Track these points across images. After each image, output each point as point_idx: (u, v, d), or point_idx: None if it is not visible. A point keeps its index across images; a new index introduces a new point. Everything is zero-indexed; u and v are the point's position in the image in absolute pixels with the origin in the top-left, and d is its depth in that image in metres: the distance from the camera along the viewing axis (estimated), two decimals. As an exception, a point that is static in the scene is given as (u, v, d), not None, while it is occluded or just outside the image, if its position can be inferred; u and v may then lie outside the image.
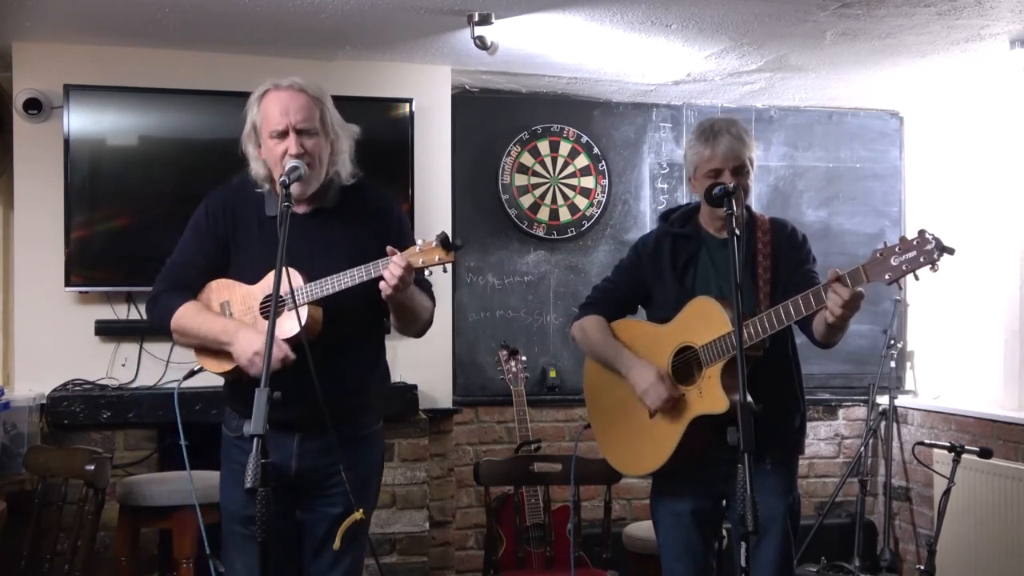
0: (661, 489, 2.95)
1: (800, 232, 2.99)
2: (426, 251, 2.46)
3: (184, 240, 2.74)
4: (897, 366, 5.44)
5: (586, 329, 3.04)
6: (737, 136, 2.82)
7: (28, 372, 4.26)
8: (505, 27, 3.98)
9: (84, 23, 4.05)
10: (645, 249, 3.02)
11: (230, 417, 2.73)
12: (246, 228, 2.67)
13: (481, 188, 5.12)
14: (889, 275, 2.43)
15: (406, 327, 2.72)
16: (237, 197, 2.71)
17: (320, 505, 2.65)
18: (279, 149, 2.57)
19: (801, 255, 2.93)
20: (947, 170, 5.38)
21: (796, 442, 2.95)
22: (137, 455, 4.17)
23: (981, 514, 4.62)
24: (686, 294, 2.86)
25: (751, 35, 4.17)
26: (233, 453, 2.68)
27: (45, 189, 4.28)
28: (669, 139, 5.36)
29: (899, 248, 2.42)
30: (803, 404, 2.93)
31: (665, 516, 2.93)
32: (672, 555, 2.91)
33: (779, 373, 2.85)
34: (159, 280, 2.72)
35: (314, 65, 4.46)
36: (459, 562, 4.97)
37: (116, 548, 3.74)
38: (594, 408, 3.11)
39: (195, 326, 2.61)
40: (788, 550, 2.82)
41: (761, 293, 2.82)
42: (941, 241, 2.37)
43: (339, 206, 2.68)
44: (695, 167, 2.88)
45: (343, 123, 2.70)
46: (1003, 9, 3.75)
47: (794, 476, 2.95)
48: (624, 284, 3.07)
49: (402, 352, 4.36)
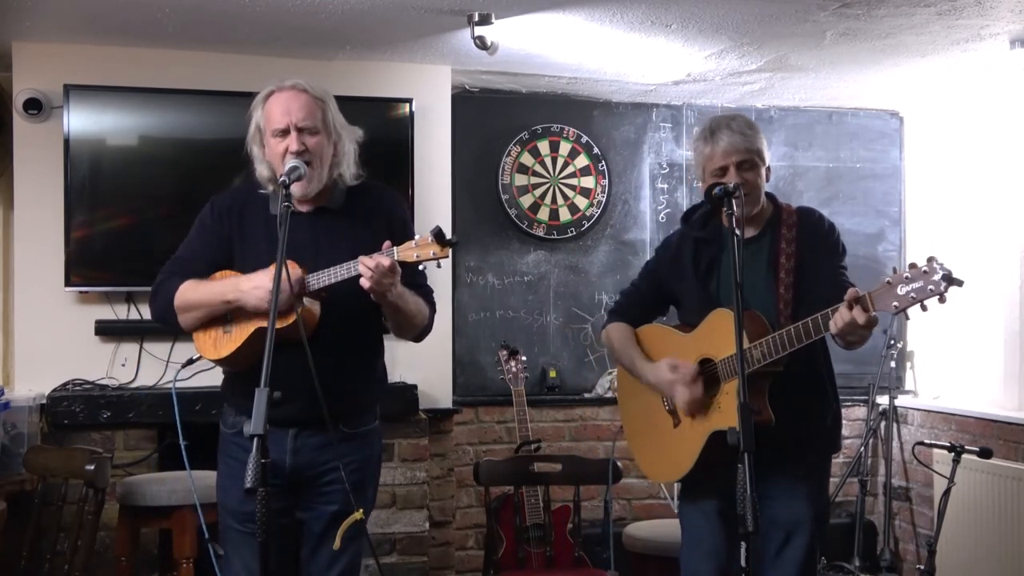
0: (690, 489, 2.94)
1: (827, 221, 2.89)
2: (421, 246, 2.46)
3: (190, 237, 2.76)
4: (897, 366, 5.44)
5: (611, 336, 3.05)
6: (738, 130, 2.76)
7: (28, 372, 4.26)
8: (505, 27, 3.98)
9: (84, 23, 4.05)
10: (666, 253, 3.00)
11: (227, 413, 2.74)
12: (252, 228, 2.68)
13: (481, 188, 5.12)
14: (896, 304, 2.36)
15: (400, 330, 2.71)
16: (243, 198, 2.73)
17: (317, 503, 2.65)
18: (280, 147, 2.59)
19: (827, 248, 2.84)
20: (947, 170, 5.37)
21: (830, 442, 2.90)
22: (137, 455, 4.16)
23: (981, 514, 4.62)
24: (710, 299, 2.81)
25: (751, 35, 4.16)
26: (230, 450, 2.69)
27: (45, 189, 4.28)
28: (669, 139, 5.36)
29: (908, 276, 2.34)
30: (836, 401, 2.87)
31: (692, 515, 2.90)
32: (698, 555, 2.86)
33: (808, 372, 2.77)
34: (162, 272, 2.72)
35: (314, 65, 4.46)
36: (459, 562, 4.97)
37: (116, 548, 3.75)
38: (625, 413, 3.12)
39: (197, 295, 2.61)
40: (813, 556, 2.78)
41: (782, 301, 2.75)
42: (950, 273, 2.30)
43: (344, 207, 2.69)
44: (702, 168, 2.83)
45: (346, 125, 2.71)
46: (1003, 9, 3.75)
47: (826, 478, 2.92)
48: (648, 289, 3.05)
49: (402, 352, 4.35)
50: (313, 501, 2.66)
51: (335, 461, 2.58)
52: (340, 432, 2.59)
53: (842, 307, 2.44)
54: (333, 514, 2.63)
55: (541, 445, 4.82)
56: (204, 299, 2.60)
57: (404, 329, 2.71)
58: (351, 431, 2.66)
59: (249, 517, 2.46)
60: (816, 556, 2.82)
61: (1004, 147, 4.95)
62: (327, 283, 2.52)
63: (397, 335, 2.75)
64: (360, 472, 2.67)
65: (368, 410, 2.75)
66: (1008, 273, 4.87)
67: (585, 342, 5.25)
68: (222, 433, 2.75)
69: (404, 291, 2.58)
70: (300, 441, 2.62)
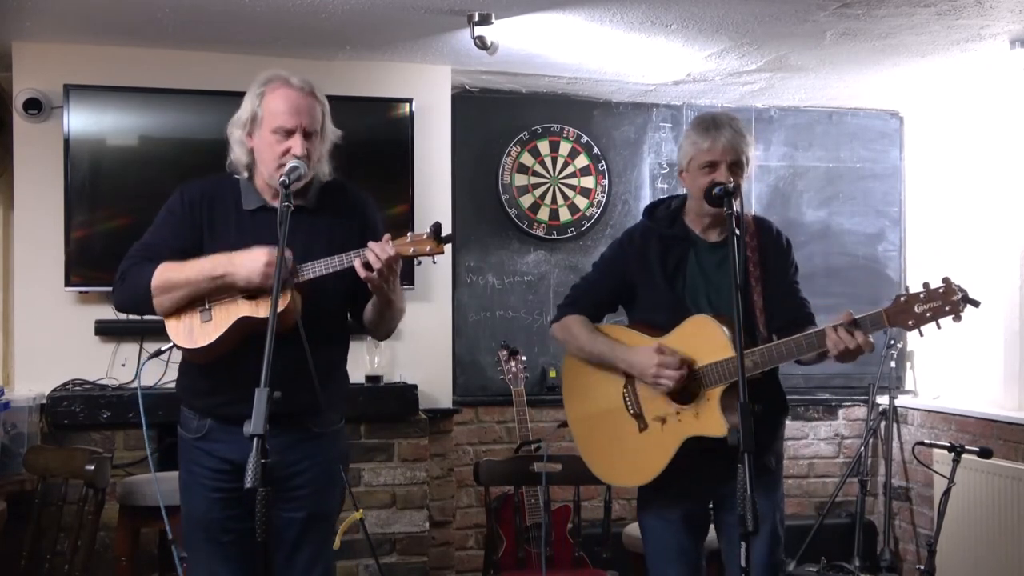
0: (649, 498, 2.89)
1: (784, 236, 2.92)
2: (418, 241, 2.46)
3: (157, 224, 2.66)
4: (897, 366, 5.44)
5: (571, 328, 2.93)
6: (738, 131, 2.76)
7: (28, 372, 4.27)
8: (505, 27, 3.98)
9: (84, 23, 4.05)
10: (631, 245, 2.92)
11: (188, 418, 2.65)
12: (223, 219, 2.62)
13: (481, 188, 5.12)
14: (912, 322, 2.41)
15: (380, 324, 2.65)
16: (215, 188, 2.66)
17: (289, 508, 2.57)
18: (279, 147, 2.55)
19: (787, 263, 2.87)
20: (947, 170, 5.37)
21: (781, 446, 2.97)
22: (137, 455, 4.16)
23: (981, 514, 4.62)
24: (678, 301, 2.78)
25: (751, 35, 4.16)
26: (194, 455, 2.61)
27: (45, 189, 4.28)
28: (669, 139, 5.36)
29: (923, 296, 2.39)
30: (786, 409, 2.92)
31: (655, 522, 2.88)
32: (665, 560, 2.86)
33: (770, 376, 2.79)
34: (129, 257, 2.61)
35: (314, 65, 4.46)
36: (459, 562, 4.97)
37: (116, 548, 3.75)
38: (574, 411, 3.00)
39: (181, 274, 2.49)
40: (777, 547, 2.83)
41: (757, 308, 2.76)
42: (968, 293, 2.36)
43: (319, 204, 2.66)
44: (690, 159, 2.79)
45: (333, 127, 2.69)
46: (1003, 9, 3.75)
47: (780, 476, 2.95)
48: (605, 283, 2.97)
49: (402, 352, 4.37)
50: (283, 504, 2.53)
51: (304, 461, 2.55)
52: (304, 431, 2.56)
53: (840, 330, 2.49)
54: (304, 519, 2.58)
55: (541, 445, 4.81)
56: (190, 277, 2.48)
57: (384, 325, 2.66)
58: (319, 430, 2.62)
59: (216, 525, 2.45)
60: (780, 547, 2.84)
61: (1004, 147, 4.95)
62: (317, 274, 2.49)
63: (372, 330, 2.70)
64: (324, 471, 2.63)
65: (335, 409, 2.70)
66: (1008, 273, 4.87)
67: (585, 342, 5.24)
68: (182, 439, 2.66)
69: (398, 285, 2.56)
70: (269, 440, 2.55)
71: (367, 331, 2.73)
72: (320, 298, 2.54)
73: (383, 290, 2.51)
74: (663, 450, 2.74)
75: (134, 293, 2.56)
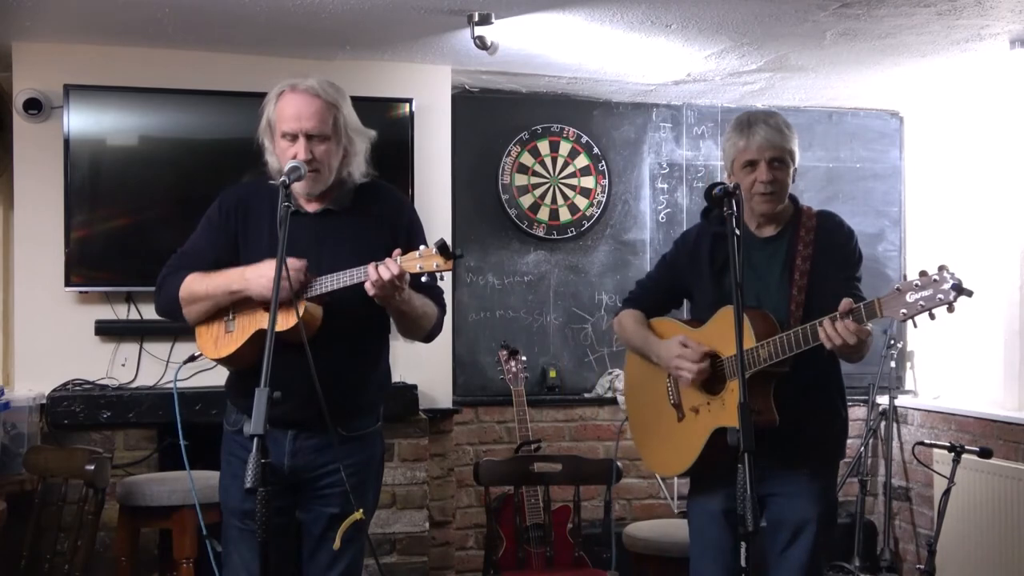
0: (696, 488, 2.94)
1: (846, 227, 2.88)
2: (425, 257, 2.46)
3: (196, 233, 2.76)
4: (897, 366, 5.44)
5: (622, 321, 3.03)
6: (775, 127, 2.75)
7: (28, 372, 4.26)
8: (505, 27, 3.98)
9: (84, 23, 4.05)
10: (685, 246, 2.98)
11: (230, 411, 2.74)
12: (257, 226, 2.67)
13: (481, 188, 5.12)
14: (904, 311, 2.38)
15: (407, 332, 2.72)
16: (251, 195, 2.72)
17: (317, 505, 2.66)
18: (289, 152, 2.59)
19: (843, 255, 2.82)
20: (947, 170, 5.38)
21: (836, 447, 2.90)
22: (137, 455, 4.16)
23: (981, 514, 4.62)
24: (723, 296, 2.77)
25: (751, 35, 4.16)
26: (231, 447, 2.70)
27: (45, 189, 4.28)
28: (669, 139, 5.36)
29: (918, 283, 2.36)
30: (844, 408, 2.87)
31: (699, 515, 2.90)
32: (703, 555, 2.86)
33: (816, 376, 2.76)
34: (167, 266, 2.73)
35: (314, 65, 4.46)
36: (459, 562, 4.97)
37: (116, 548, 3.75)
38: (631, 402, 3.11)
39: (203, 287, 2.60)
40: (817, 555, 2.77)
41: (794, 303, 2.74)
42: (960, 283, 2.31)
43: (351, 206, 2.69)
44: (731, 160, 2.81)
45: (359, 127, 2.70)
46: (1003, 9, 3.75)
47: (832, 481, 2.90)
48: (663, 280, 3.04)
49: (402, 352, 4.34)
50: (312, 503, 2.66)
51: (334, 463, 2.58)
52: (338, 435, 2.58)
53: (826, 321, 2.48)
54: (331, 516, 2.63)
55: (541, 445, 4.82)
56: (209, 290, 2.59)
57: (411, 331, 2.72)
58: (349, 434, 2.66)
59: (249, 515, 2.46)
60: (821, 556, 2.80)
61: (1004, 147, 4.95)
62: (330, 288, 2.52)
63: (404, 336, 2.75)
64: (359, 475, 2.66)
65: (369, 413, 2.74)
66: (1008, 273, 4.87)
67: (585, 342, 5.25)
68: (224, 431, 2.76)
69: (411, 295, 2.57)
70: (299, 443, 2.63)
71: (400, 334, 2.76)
72: (344, 305, 2.56)
73: (391, 304, 2.54)
74: (696, 440, 2.78)
75: (167, 302, 2.68)
